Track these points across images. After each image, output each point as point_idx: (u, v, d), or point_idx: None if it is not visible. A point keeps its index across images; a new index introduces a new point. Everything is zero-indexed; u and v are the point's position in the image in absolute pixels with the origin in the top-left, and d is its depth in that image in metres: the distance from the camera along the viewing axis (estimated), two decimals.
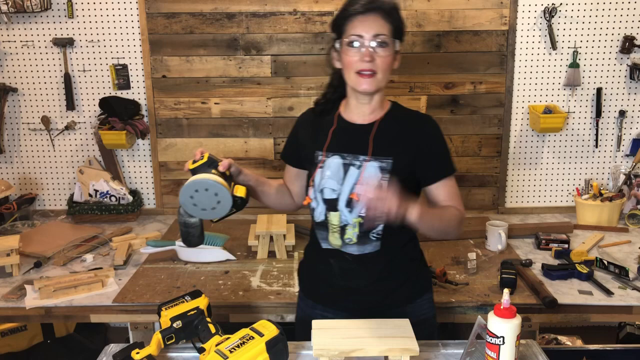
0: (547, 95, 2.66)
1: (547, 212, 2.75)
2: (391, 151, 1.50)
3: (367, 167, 1.50)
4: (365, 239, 1.52)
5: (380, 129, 1.53)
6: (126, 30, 2.62)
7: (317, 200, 1.55)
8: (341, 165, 1.52)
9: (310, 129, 1.64)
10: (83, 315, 1.94)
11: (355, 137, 1.54)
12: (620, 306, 1.89)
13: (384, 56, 1.46)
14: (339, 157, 1.53)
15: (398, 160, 1.50)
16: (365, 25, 1.45)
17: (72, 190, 2.78)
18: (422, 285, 1.66)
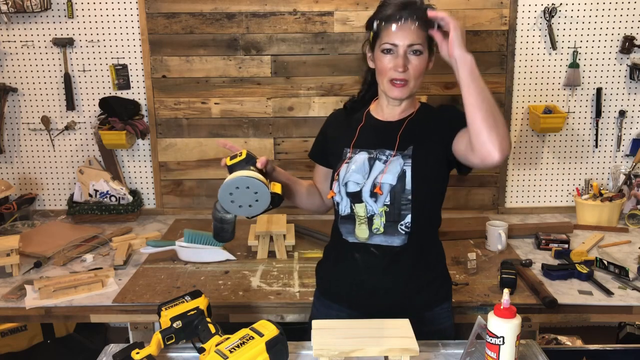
0: (547, 95, 2.66)
1: (547, 212, 2.75)
2: (412, 141, 1.53)
3: (392, 162, 1.52)
4: (392, 229, 1.52)
5: (408, 127, 1.55)
6: (126, 30, 2.62)
7: (341, 194, 1.57)
8: (367, 160, 1.55)
9: (339, 127, 1.66)
10: (83, 315, 1.94)
11: (383, 134, 1.57)
12: (620, 306, 1.89)
13: (417, 64, 1.48)
14: (365, 153, 1.56)
15: (418, 146, 1.52)
16: (400, 34, 1.46)
17: (72, 190, 2.78)
18: (444, 292, 1.65)
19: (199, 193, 2.79)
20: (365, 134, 1.59)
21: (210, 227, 1.45)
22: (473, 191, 2.77)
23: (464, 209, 2.76)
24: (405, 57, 1.47)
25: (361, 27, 2.58)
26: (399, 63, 1.46)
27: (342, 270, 1.63)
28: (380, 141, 1.56)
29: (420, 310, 1.58)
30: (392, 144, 1.54)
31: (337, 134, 1.66)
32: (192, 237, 2.22)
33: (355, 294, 1.60)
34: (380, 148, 1.55)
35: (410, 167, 1.50)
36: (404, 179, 1.50)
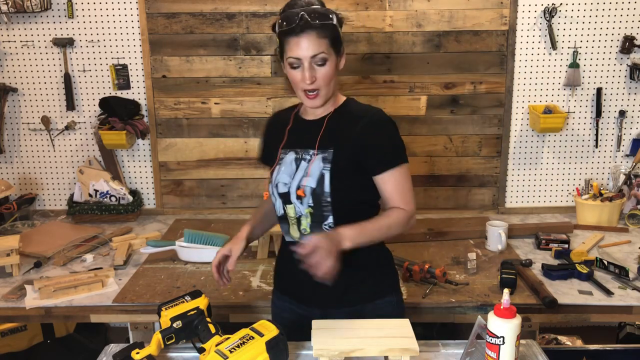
0: (547, 95, 2.66)
1: (547, 212, 2.75)
2: (333, 143, 1.54)
3: (315, 160, 1.54)
4: (318, 229, 1.54)
5: (328, 124, 1.57)
6: (126, 30, 2.62)
7: (274, 195, 1.60)
8: (294, 161, 1.58)
9: (274, 130, 1.71)
10: (83, 315, 1.94)
11: (306, 133, 1.59)
12: (620, 306, 1.89)
13: (324, 73, 1.49)
14: (293, 153, 1.59)
15: (338, 151, 1.53)
16: (301, 47, 1.46)
17: (72, 190, 2.78)
18: (385, 286, 1.64)
19: (199, 193, 2.79)
20: (294, 134, 1.63)
21: (211, 227, 1.45)
22: (473, 191, 2.77)
23: (464, 209, 2.76)
24: (312, 68, 1.48)
25: (361, 27, 2.58)
26: (305, 76, 1.48)
27: (286, 267, 1.67)
28: (304, 141, 1.58)
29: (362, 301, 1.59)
30: (312, 142, 1.56)
31: (272, 136, 1.69)
32: (192, 237, 2.22)
33: (298, 289, 1.63)
34: (304, 147, 1.58)
35: (328, 172, 1.51)
36: (323, 183, 1.51)
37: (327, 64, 1.48)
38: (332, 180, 1.51)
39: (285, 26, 1.47)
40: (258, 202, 2.79)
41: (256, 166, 2.75)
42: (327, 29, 1.47)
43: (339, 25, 1.51)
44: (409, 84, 2.64)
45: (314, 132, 1.57)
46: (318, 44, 1.46)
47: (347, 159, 1.52)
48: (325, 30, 1.46)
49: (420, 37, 2.60)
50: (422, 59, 2.62)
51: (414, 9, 2.57)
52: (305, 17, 1.44)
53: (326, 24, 1.46)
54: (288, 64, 1.50)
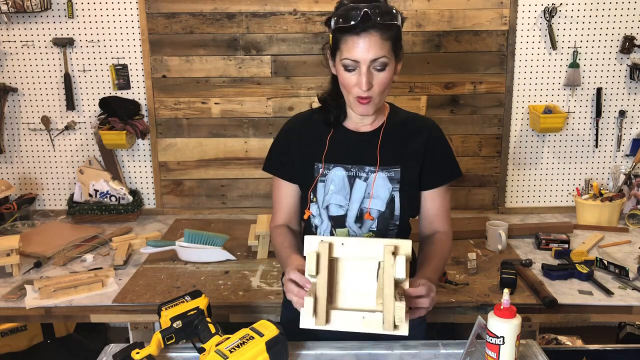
0: (547, 95, 2.66)
1: (547, 212, 2.75)
2: (398, 159, 1.42)
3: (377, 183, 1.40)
4: None
5: (385, 137, 1.43)
6: (126, 30, 2.62)
7: (322, 217, 1.45)
8: (345, 178, 1.43)
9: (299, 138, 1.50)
10: (83, 315, 1.94)
11: (359, 146, 1.44)
12: (620, 306, 1.89)
13: (382, 79, 1.33)
14: (342, 169, 1.43)
15: (406, 168, 1.42)
16: (361, 48, 1.29)
17: (72, 190, 2.78)
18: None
19: (199, 193, 2.79)
20: (337, 146, 1.44)
21: (211, 227, 1.44)
22: (473, 191, 2.77)
23: (464, 209, 2.76)
24: (369, 73, 1.31)
25: None
26: (362, 81, 1.31)
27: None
28: (356, 155, 1.43)
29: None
30: (370, 158, 1.42)
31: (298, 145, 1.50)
32: (192, 237, 2.22)
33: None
34: (357, 163, 1.42)
35: (398, 193, 1.41)
36: (393, 205, 1.41)
37: (386, 70, 1.32)
38: (403, 202, 1.39)
39: (343, 23, 1.29)
40: (258, 202, 2.79)
41: (256, 166, 2.75)
42: (391, 30, 1.30)
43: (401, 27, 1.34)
44: (409, 84, 2.64)
45: (367, 146, 1.42)
46: (380, 46, 1.28)
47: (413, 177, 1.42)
48: (389, 31, 1.29)
49: (420, 37, 2.60)
50: (422, 59, 2.62)
51: (414, 9, 2.57)
52: (369, 15, 1.26)
53: (391, 25, 1.29)
54: (342, 66, 1.33)
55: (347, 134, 1.46)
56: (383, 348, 1.46)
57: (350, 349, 1.46)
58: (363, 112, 1.38)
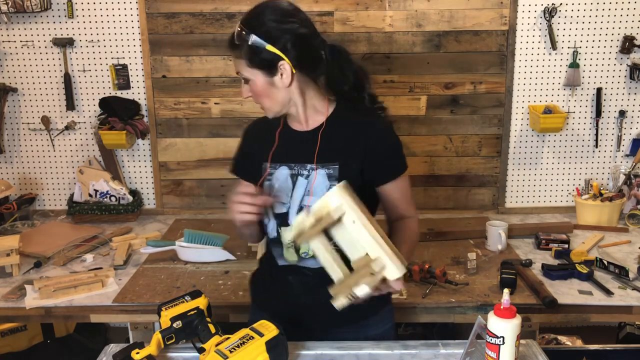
0: (547, 95, 2.66)
1: (547, 212, 2.75)
2: (337, 157, 1.46)
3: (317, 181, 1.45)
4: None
5: (325, 136, 1.48)
6: (126, 30, 2.62)
7: (268, 215, 1.51)
8: (289, 177, 1.49)
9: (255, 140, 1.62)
10: (83, 315, 1.94)
11: (299, 145, 1.49)
12: (620, 306, 1.89)
13: (253, 89, 1.46)
14: (286, 168, 1.49)
15: (344, 165, 1.46)
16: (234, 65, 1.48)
17: (72, 190, 2.78)
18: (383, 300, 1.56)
19: (199, 193, 2.79)
20: (283, 145, 1.52)
21: (210, 227, 1.44)
22: (473, 191, 2.77)
23: (464, 209, 2.76)
24: (244, 84, 1.48)
25: (361, 26, 2.58)
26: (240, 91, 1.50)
27: (277, 291, 1.57)
28: (298, 154, 1.48)
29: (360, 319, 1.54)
30: (310, 156, 1.47)
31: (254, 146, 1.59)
32: (192, 237, 2.22)
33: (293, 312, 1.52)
34: (299, 162, 1.48)
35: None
36: None
37: (251, 82, 1.45)
38: None
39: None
40: None
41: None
42: (243, 50, 1.41)
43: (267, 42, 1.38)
44: (409, 84, 2.64)
45: (308, 145, 1.48)
46: (237, 64, 1.45)
47: (353, 173, 1.45)
48: (239, 51, 1.42)
49: (420, 37, 2.60)
50: (422, 59, 2.62)
51: (414, 9, 2.57)
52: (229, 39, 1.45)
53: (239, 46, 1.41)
54: None
55: (291, 134, 1.53)
56: (383, 348, 1.46)
57: (350, 349, 1.46)
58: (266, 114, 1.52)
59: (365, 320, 1.56)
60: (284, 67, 1.42)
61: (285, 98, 1.47)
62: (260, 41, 1.39)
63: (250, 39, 1.39)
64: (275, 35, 1.39)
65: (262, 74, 1.43)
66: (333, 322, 1.51)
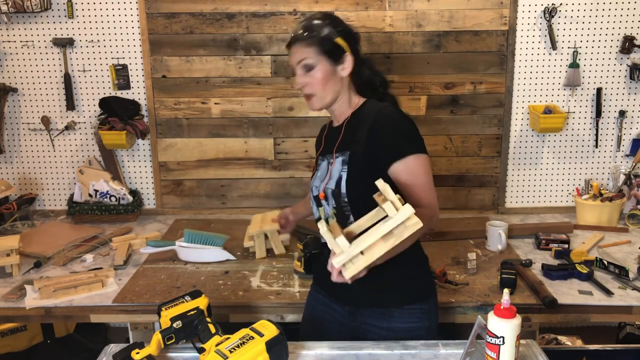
0: (547, 95, 2.66)
1: (547, 212, 2.75)
2: (349, 145, 1.62)
3: (335, 163, 1.63)
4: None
5: (346, 128, 1.66)
6: (126, 30, 2.62)
7: (311, 199, 1.73)
8: (327, 165, 1.67)
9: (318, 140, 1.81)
10: (83, 315, 1.94)
11: (333, 138, 1.69)
12: (620, 306, 1.89)
13: (314, 76, 1.61)
14: (325, 159, 1.69)
15: (353, 152, 1.60)
16: (291, 56, 1.65)
17: (72, 190, 2.78)
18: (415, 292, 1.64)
19: (199, 193, 2.79)
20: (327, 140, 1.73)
21: (211, 227, 1.45)
22: (473, 191, 2.77)
23: (464, 209, 2.76)
24: (301, 74, 1.63)
25: (361, 27, 2.58)
26: (296, 81, 1.65)
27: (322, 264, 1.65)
28: (330, 146, 1.68)
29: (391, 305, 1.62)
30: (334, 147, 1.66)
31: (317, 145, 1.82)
32: (192, 237, 2.22)
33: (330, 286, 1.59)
34: (329, 153, 1.68)
35: (345, 173, 1.58)
36: (340, 184, 1.59)
37: (316, 69, 1.60)
38: (348, 181, 1.57)
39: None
40: (258, 202, 2.80)
41: (256, 166, 2.76)
42: (315, 39, 1.60)
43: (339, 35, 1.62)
44: (409, 84, 2.64)
45: (335, 137, 1.68)
46: (303, 51, 1.61)
47: (360, 159, 1.58)
48: (310, 39, 1.60)
49: (420, 37, 2.60)
50: (422, 59, 2.62)
51: (414, 9, 2.57)
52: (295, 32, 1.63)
53: (313, 35, 1.60)
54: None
55: (331, 129, 1.74)
56: (383, 348, 1.46)
57: (350, 349, 1.46)
58: (311, 107, 1.67)
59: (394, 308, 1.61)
60: (347, 59, 1.63)
61: (337, 89, 1.64)
62: (334, 32, 1.61)
63: (324, 30, 1.61)
64: (344, 32, 1.64)
65: (328, 62, 1.61)
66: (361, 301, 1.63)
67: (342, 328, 1.70)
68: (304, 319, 1.83)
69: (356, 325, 1.67)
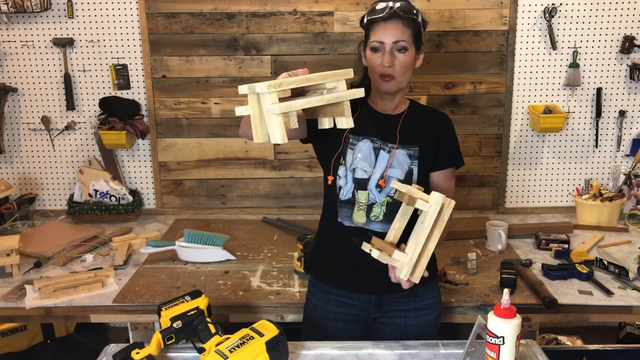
0: (547, 95, 2.66)
1: (547, 212, 2.75)
2: (417, 140, 1.64)
3: (396, 154, 1.62)
4: (391, 217, 1.56)
5: (405, 121, 1.66)
6: (126, 30, 2.62)
7: (347, 178, 1.64)
8: (372, 149, 1.63)
9: None
10: (83, 315, 1.94)
11: (383, 125, 1.66)
12: (620, 306, 1.90)
13: (403, 60, 1.58)
14: (369, 141, 1.64)
15: (423, 148, 1.63)
16: (386, 32, 1.57)
17: (72, 190, 2.78)
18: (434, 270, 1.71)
19: (199, 193, 2.79)
20: (366, 122, 1.66)
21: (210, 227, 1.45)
22: (473, 191, 2.77)
23: (464, 209, 2.76)
24: (392, 53, 1.57)
25: None
26: (385, 59, 1.57)
27: (339, 253, 1.69)
28: (381, 132, 1.64)
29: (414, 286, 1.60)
30: (392, 136, 1.64)
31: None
32: (192, 237, 2.22)
33: (352, 274, 1.66)
34: (381, 139, 1.64)
35: (417, 167, 1.62)
36: (411, 177, 1.62)
37: (407, 53, 1.58)
38: (420, 176, 1.62)
39: (374, 15, 1.59)
40: (258, 202, 2.79)
41: (256, 166, 2.75)
42: (412, 22, 1.58)
43: (423, 25, 1.63)
44: (409, 84, 2.63)
45: (391, 126, 1.65)
46: (402, 31, 1.57)
47: (429, 157, 1.64)
48: (409, 22, 1.58)
49: None
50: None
51: None
52: (394, 8, 1.57)
53: (411, 18, 1.58)
54: (370, 49, 1.60)
55: (373, 113, 1.69)
56: (383, 348, 1.46)
57: (350, 349, 1.46)
58: (386, 88, 1.61)
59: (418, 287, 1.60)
60: (423, 51, 1.66)
61: (410, 78, 1.65)
62: (422, 24, 1.63)
63: (419, 18, 1.62)
64: (425, 24, 1.66)
65: (414, 49, 1.61)
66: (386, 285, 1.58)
67: (358, 324, 1.69)
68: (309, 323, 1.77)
69: (379, 315, 1.68)
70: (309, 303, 1.78)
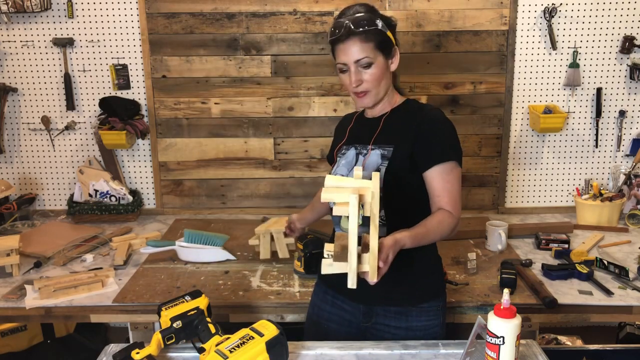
0: (547, 95, 2.66)
1: (547, 212, 2.75)
2: (392, 140, 1.59)
3: (371, 155, 1.59)
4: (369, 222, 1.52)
5: (386, 121, 1.64)
6: (126, 30, 2.62)
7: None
8: (354, 155, 1.64)
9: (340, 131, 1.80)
10: (83, 315, 1.94)
11: (365, 129, 1.66)
12: (620, 306, 1.89)
13: (371, 74, 1.56)
14: (354, 149, 1.66)
15: (398, 148, 1.57)
16: (346, 53, 1.54)
17: (72, 190, 2.78)
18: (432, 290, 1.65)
19: (199, 193, 2.79)
20: (354, 132, 1.71)
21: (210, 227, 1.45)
22: (473, 191, 2.77)
23: (464, 209, 2.73)
24: (357, 72, 1.55)
25: None
26: (352, 80, 1.56)
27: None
28: (362, 137, 1.66)
29: (407, 304, 1.61)
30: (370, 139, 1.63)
31: (338, 136, 1.78)
32: (192, 237, 2.22)
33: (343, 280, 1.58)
34: (362, 143, 1.65)
35: (385, 167, 1.55)
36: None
37: (373, 66, 1.55)
38: (387, 175, 1.55)
39: (332, 36, 1.57)
40: (258, 202, 2.80)
41: (256, 166, 2.75)
42: (371, 33, 1.53)
43: (387, 28, 1.57)
44: (409, 84, 2.64)
45: (372, 129, 1.64)
46: (361, 48, 1.53)
47: (404, 156, 1.57)
48: (368, 35, 1.53)
49: (420, 37, 2.60)
50: (422, 59, 2.62)
51: (414, 9, 2.57)
52: (349, 26, 1.52)
53: (370, 30, 1.53)
54: (338, 69, 1.60)
55: (362, 120, 1.72)
56: (383, 348, 1.46)
57: (350, 349, 1.46)
58: (361, 104, 1.63)
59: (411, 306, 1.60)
60: (395, 52, 1.61)
61: (389, 84, 1.63)
62: (384, 26, 1.56)
63: (378, 23, 1.55)
64: (391, 24, 1.60)
65: (383, 57, 1.57)
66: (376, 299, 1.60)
67: (351, 329, 1.68)
68: (308, 321, 1.80)
69: (369, 326, 1.65)
70: (311, 300, 1.80)
